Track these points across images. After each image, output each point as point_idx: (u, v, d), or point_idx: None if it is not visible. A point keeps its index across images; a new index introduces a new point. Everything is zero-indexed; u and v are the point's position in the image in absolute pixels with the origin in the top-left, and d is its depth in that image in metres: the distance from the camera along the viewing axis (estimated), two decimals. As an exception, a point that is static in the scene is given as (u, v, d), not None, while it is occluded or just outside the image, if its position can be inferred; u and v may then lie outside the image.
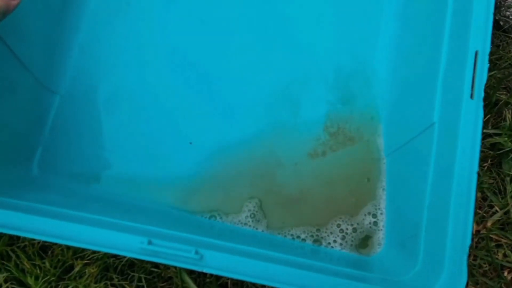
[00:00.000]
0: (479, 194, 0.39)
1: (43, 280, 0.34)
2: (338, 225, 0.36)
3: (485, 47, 0.29)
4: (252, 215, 0.36)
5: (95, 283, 0.35)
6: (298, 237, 0.36)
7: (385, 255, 0.34)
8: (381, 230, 0.36)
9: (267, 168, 0.38)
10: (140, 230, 0.28)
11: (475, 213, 0.37)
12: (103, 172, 0.37)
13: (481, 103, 0.29)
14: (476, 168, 0.28)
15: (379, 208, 0.37)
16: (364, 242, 0.36)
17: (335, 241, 0.36)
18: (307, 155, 0.39)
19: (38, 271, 0.35)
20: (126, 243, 0.27)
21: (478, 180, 0.27)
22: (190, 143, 0.38)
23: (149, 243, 0.26)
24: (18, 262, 0.35)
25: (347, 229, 0.36)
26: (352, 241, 0.36)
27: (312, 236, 0.36)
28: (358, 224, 0.36)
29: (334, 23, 0.41)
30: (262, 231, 0.36)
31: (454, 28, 0.31)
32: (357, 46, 0.40)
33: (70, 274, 0.35)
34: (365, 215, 0.36)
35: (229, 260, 0.27)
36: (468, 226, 0.27)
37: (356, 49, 0.40)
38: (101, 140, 0.38)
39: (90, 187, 0.37)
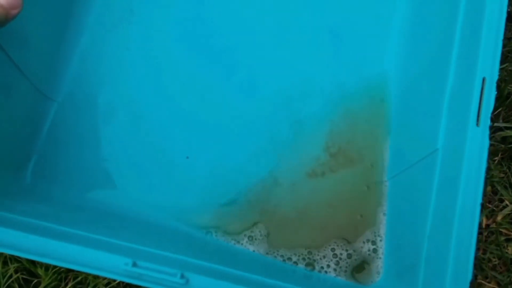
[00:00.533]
0: (489, 188, 0.39)
1: (53, 270, 0.34)
2: (333, 249, 0.35)
3: (493, 74, 0.28)
4: (245, 235, 0.35)
5: None
6: (290, 259, 0.34)
7: (384, 284, 0.33)
8: (380, 258, 0.34)
9: (264, 187, 0.37)
10: (126, 250, 0.27)
11: (484, 207, 0.37)
12: (96, 182, 0.36)
13: (487, 131, 0.27)
14: (479, 199, 0.26)
15: (378, 235, 0.35)
16: (361, 269, 0.34)
17: (328, 266, 0.34)
18: (305, 175, 0.37)
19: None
20: (111, 264, 0.26)
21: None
22: (187, 157, 0.37)
23: (134, 265, 0.25)
24: None
25: (341, 254, 0.35)
26: (346, 267, 0.34)
27: (304, 259, 0.34)
28: (354, 250, 0.35)
29: (340, 39, 0.40)
30: (253, 251, 0.35)
31: (462, 53, 0.30)
32: (363, 63, 0.39)
33: None
34: (363, 242, 0.35)
35: (217, 286, 0.26)
36: (469, 260, 0.26)
37: (361, 66, 0.39)
38: (96, 150, 0.37)
39: (82, 197, 0.36)
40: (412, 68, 0.37)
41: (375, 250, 0.35)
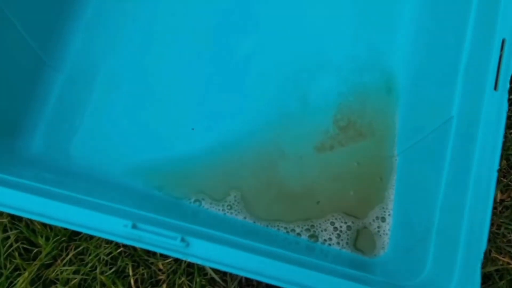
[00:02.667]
0: (504, 162, 0.37)
1: (54, 240, 0.33)
2: (332, 223, 0.34)
3: (514, 34, 0.26)
4: (246, 206, 0.34)
5: (106, 243, 0.34)
6: (293, 230, 0.33)
7: (390, 258, 0.32)
8: (387, 233, 0.33)
9: (271, 159, 0.36)
10: (126, 213, 0.27)
11: (499, 181, 0.35)
12: (98, 152, 0.36)
13: (506, 96, 0.26)
14: (496, 165, 0.25)
15: (386, 209, 0.34)
16: (366, 242, 0.33)
17: (330, 239, 0.33)
18: (313, 148, 0.36)
19: (49, 232, 0.34)
20: (110, 225, 0.25)
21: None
22: (192, 129, 0.37)
23: (134, 226, 0.25)
24: (29, 222, 0.34)
25: (341, 227, 0.34)
26: (348, 239, 0.33)
27: (308, 230, 0.33)
28: (360, 225, 0.34)
29: (350, 10, 0.38)
30: (254, 222, 0.34)
31: (480, 14, 0.28)
32: (374, 36, 0.38)
33: (81, 235, 0.34)
34: (371, 217, 0.34)
35: (217, 250, 0.25)
36: (484, 230, 0.24)
37: (373, 38, 0.38)
38: (101, 121, 0.37)
39: (84, 166, 0.35)
40: (427, 34, 0.35)
41: (382, 226, 0.34)
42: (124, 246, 0.34)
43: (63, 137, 0.36)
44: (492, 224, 0.24)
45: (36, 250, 0.34)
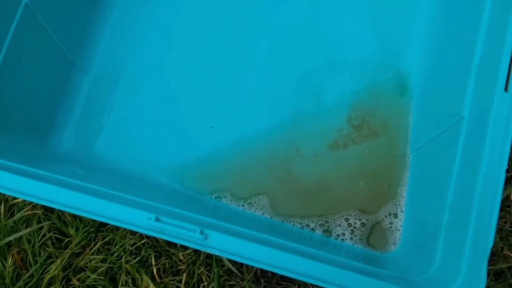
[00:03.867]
0: None
1: (83, 230, 0.36)
2: (346, 219, 0.35)
3: (524, 36, 0.26)
4: (264, 202, 0.36)
5: (131, 234, 0.36)
6: (308, 225, 0.35)
7: (400, 254, 0.33)
8: (399, 229, 0.34)
9: (286, 157, 0.37)
10: (149, 207, 0.28)
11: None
12: (123, 149, 0.38)
13: (516, 97, 0.26)
14: (505, 165, 0.25)
15: (399, 206, 0.35)
16: (378, 238, 0.34)
17: (344, 234, 0.34)
18: (327, 146, 0.37)
19: (79, 223, 0.36)
20: (135, 218, 0.27)
21: (506, 177, 0.25)
22: (211, 127, 0.38)
23: (157, 219, 0.27)
24: (60, 214, 0.37)
25: (355, 223, 0.35)
26: (361, 235, 0.34)
27: (322, 225, 0.35)
28: (370, 220, 0.35)
29: (365, 11, 0.39)
30: (271, 217, 0.35)
31: (493, 16, 0.29)
32: (389, 35, 0.39)
33: (108, 226, 0.37)
34: (385, 215, 0.35)
35: (234, 243, 0.26)
36: (491, 227, 0.25)
37: (387, 38, 0.39)
38: (125, 121, 0.39)
39: (110, 162, 0.38)
40: (440, 37, 0.36)
41: (394, 222, 0.35)
42: (147, 237, 0.36)
43: (90, 135, 0.38)
44: (505, 222, 0.25)
45: (67, 240, 0.36)
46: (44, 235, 0.36)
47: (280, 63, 0.39)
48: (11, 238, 0.36)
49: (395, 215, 0.35)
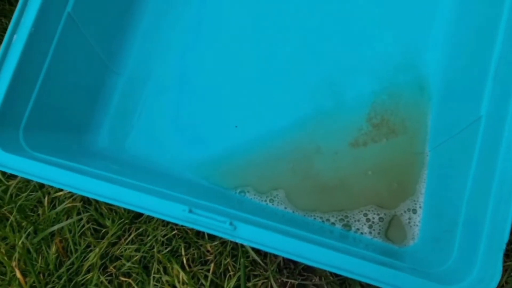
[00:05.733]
0: None
1: (118, 222, 0.39)
2: (365, 214, 0.36)
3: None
4: (286, 197, 0.38)
5: (163, 226, 0.38)
6: (328, 220, 0.37)
7: (419, 248, 0.34)
8: (418, 224, 0.35)
9: (307, 154, 0.39)
10: (182, 200, 0.31)
11: None
12: (153, 146, 0.40)
13: (532, 97, 0.27)
14: (520, 163, 0.26)
15: (417, 202, 0.36)
16: (397, 233, 0.36)
17: (363, 228, 0.36)
18: (347, 144, 0.39)
19: (114, 215, 0.39)
20: (170, 210, 0.29)
21: None
22: (236, 126, 0.40)
23: (190, 211, 0.29)
24: (97, 207, 0.40)
25: (373, 218, 0.36)
26: (380, 230, 0.36)
27: (342, 220, 0.36)
28: (388, 215, 0.36)
29: (385, 11, 0.40)
30: (293, 212, 0.37)
31: None
32: (409, 37, 0.40)
33: (141, 218, 0.39)
34: (404, 211, 0.36)
35: (261, 234, 0.28)
36: (507, 222, 0.26)
37: (407, 39, 0.40)
38: (154, 118, 0.41)
39: (141, 158, 0.40)
40: (459, 38, 0.37)
41: (413, 218, 0.36)
42: (178, 229, 0.38)
43: (123, 133, 0.41)
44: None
45: (104, 230, 0.39)
46: (83, 225, 0.39)
47: (302, 64, 0.40)
48: (54, 228, 0.39)
49: (414, 211, 0.36)
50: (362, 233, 0.36)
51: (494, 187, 0.27)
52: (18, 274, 0.38)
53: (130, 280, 0.38)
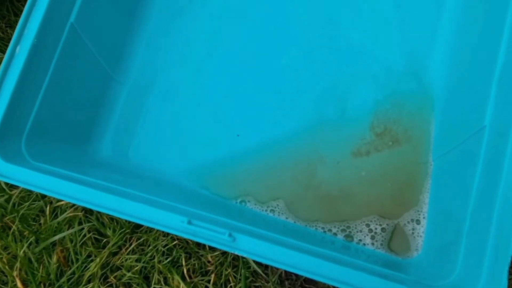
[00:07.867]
0: None
1: (119, 232, 0.39)
2: (367, 225, 0.36)
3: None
4: (287, 207, 0.37)
5: (163, 236, 0.38)
6: (330, 230, 0.36)
7: (422, 259, 0.33)
8: (421, 235, 0.35)
9: (309, 163, 0.39)
10: (182, 210, 0.31)
11: None
12: (155, 156, 0.40)
13: (537, 107, 0.27)
14: (525, 174, 0.26)
15: (421, 212, 0.36)
16: (400, 244, 0.35)
17: (365, 239, 0.35)
18: (350, 154, 0.39)
19: (115, 225, 0.39)
20: (170, 221, 0.29)
21: None
22: (238, 135, 0.40)
23: (189, 222, 0.29)
24: (99, 216, 0.40)
25: (376, 228, 0.36)
26: (382, 240, 0.35)
27: (344, 230, 0.36)
28: (391, 225, 0.36)
29: (387, 20, 0.40)
30: (294, 222, 0.37)
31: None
32: (412, 46, 0.39)
33: (142, 228, 0.39)
34: (407, 222, 0.36)
35: (261, 245, 0.28)
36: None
37: (410, 48, 0.39)
38: (156, 128, 0.41)
39: (144, 168, 0.40)
40: (463, 47, 0.36)
41: (416, 228, 0.35)
42: (178, 239, 0.38)
43: (126, 143, 0.41)
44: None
45: (105, 240, 0.39)
46: (85, 235, 0.39)
47: (305, 72, 0.40)
48: (56, 237, 0.39)
49: (418, 221, 0.36)
50: (364, 244, 0.35)
51: (499, 198, 0.27)
52: (19, 284, 0.38)
53: (130, 291, 0.38)
